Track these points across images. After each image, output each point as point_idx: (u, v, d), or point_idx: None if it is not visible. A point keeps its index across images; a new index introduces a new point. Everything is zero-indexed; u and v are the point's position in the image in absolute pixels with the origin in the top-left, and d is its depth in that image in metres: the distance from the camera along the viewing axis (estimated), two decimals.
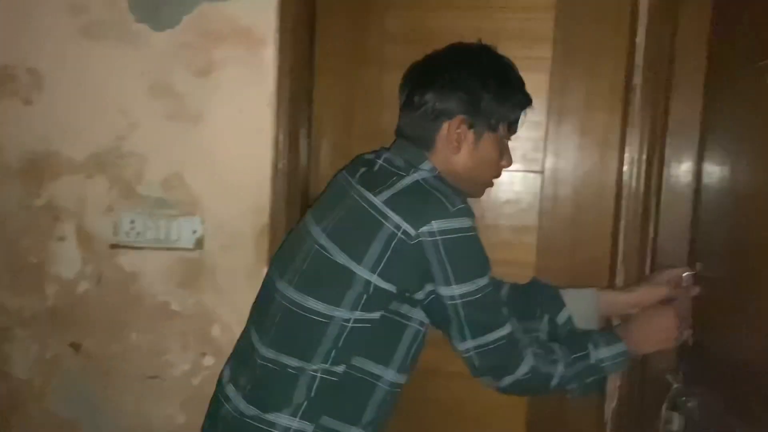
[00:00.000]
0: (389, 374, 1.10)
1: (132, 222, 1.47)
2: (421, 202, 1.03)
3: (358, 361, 1.08)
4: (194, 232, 1.46)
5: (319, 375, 1.06)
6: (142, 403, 1.51)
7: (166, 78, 1.44)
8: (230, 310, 1.48)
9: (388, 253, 1.01)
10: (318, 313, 1.05)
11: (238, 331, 1.46)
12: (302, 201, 1.56)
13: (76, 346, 1.51)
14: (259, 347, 1.12)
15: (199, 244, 1.46)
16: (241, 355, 1.19)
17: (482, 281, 1.04)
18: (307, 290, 1.07)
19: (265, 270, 1.45)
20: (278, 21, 1.41)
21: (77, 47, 1.44)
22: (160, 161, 1.46)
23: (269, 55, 1.42)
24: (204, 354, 1.49)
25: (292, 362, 1.07)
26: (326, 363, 1.06)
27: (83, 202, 1.48)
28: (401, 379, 1.12)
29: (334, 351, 1.05)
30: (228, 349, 1.47)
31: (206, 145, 1.45)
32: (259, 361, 1.10)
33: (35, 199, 1.48)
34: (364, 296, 1.03)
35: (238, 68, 1.43)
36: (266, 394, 1.09)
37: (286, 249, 1.22)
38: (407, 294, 1.05)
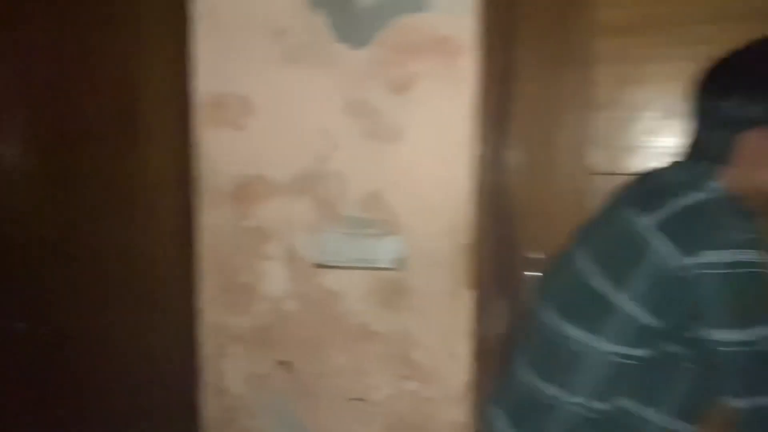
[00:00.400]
0: (662, 419, 0.96)
1: (334, 241, 1.46)
2: (696, 227, 0.88)
3: (624, 402, 0.95)
4: (394, 251, 1.42)
5: (577, 410, 0.97)
6: (347, 425, 1.49)
7: (364, 96, 1.42)
8: (432, 333, 1.41)
9: (653, 284, 0.88)
10: (575, 342, 0.97)
11: (440, 355, 1.41)
12: (505, 219, 1.45)
13: (285, 365, 1.53)
14: (520, 370, 1.08)
15: (400, 263, 1.42)
16: (505, 375, 1.16)
17: (765, 331, 0.86)
18: (566, 316, 0.99)
19: (467, 292, 1.38)
20: (478, 26, 1.33)
21: (281, 72, 1.47)
22: (360, 180, 1.44)
23: (468, 65, 1.34)
24: (406, 378, 1.44)
25: (549, 390, 1.00)
26: (585, 398, 0.96)
27: (289, 222, 1.50)
28: (679, 426, 0.97)
29: (593, 385, 0.95)
30: (431, 374, 1.42)
31: (404, 162, 1.41)
32: (518, 383, 1.07)
33: (245, 221, 1.53)
34: (627, 329, 0.92)
35: (436, 81, 1.37)
36: (524, 419, 1.04)
37: (552, 269, 1.14)
38: (676, 332, 0.91)
